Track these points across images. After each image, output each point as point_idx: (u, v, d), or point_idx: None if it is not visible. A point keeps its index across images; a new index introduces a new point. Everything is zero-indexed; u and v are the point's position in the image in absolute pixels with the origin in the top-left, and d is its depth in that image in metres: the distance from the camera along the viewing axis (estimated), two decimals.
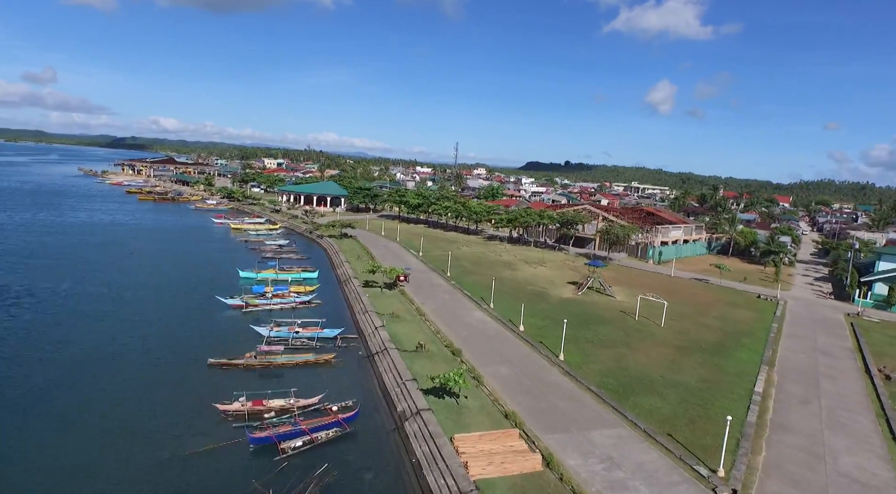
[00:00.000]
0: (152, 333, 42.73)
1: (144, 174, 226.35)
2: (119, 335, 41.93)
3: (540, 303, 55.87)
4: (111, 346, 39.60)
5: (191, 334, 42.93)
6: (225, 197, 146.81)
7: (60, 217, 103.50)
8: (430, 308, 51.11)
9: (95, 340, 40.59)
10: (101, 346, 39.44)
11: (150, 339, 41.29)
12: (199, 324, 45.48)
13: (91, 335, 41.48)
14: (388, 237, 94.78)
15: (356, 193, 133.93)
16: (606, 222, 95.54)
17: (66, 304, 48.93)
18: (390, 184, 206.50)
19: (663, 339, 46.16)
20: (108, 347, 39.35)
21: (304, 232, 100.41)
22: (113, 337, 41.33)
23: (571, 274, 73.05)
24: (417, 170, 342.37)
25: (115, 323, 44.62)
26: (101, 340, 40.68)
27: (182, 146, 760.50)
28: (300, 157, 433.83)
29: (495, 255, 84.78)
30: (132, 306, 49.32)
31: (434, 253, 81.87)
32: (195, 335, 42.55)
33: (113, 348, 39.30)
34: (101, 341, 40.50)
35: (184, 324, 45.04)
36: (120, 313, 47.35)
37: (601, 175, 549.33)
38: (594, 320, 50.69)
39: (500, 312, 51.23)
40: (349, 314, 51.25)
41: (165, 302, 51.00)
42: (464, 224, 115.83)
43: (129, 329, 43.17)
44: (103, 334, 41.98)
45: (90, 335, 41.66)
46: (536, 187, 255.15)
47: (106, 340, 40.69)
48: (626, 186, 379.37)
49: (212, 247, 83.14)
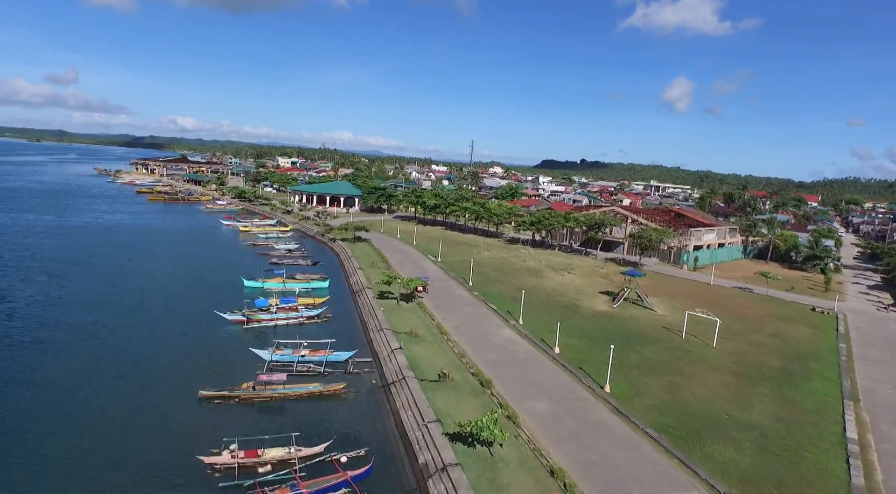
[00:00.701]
0: (138, 357, 37.92)
1: (158, 173, 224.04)
2: (100, 360, 37.16)
3: (573, 317, 50.34)
4: (87, 374, 34.84)
5: (183, 357, 38.04)
6: (236, 197, 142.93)
7: (65, 219, 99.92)
8: (453, 325, 45.85)
9: (70, 366, 35.92)
10: (75, 375, 34.73)
11: (135, 365, 36.47)
12: (193, 344, 40.63)
13: (65, 360, 36.84)
14: (404, 241, 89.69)
15: (371, 193, 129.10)
16: (637, 226, 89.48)
17: (41, 318, 44.44)
18: (406, 183, 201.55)
19: (718, 363, 40.40)
20: (82, 376, 34.58)
21: (316, 235, 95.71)
22: (94, 362, 36.61)
23: (603, 283, 67.32)
24: (433, 168, 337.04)
25: (95, 345, 39.93)
26: (77, 367, 35.97)
27: (199, 145, 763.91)
28: (315, 155, 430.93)
29: (518, 260, 79.25)
30: (118, 324, 44.68)
31: (453, 258, 76.59)
32: (187, 359, 37.66)
33: (90, 377, 34.54)
34: (76, 368, 35.78)
35: (176, 346, 40.17)
36: (103, 332, 42.68)
37: (617, 173, 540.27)
38: (636, 338, 45.05)
39: (531, 329, 45.81)
40: (362, 332, 46.13)
41: (158, 318, 46.23)
42: (483, 226, 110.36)
43: (111, 353, 38.38)
44: (81, 359, 37.25)
45: (64, 358, 37.02)
46: (555, 186, 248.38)
47: (83, 366, 35.98)
48: (646, 185, 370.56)
49: (217, 251, 78.67)
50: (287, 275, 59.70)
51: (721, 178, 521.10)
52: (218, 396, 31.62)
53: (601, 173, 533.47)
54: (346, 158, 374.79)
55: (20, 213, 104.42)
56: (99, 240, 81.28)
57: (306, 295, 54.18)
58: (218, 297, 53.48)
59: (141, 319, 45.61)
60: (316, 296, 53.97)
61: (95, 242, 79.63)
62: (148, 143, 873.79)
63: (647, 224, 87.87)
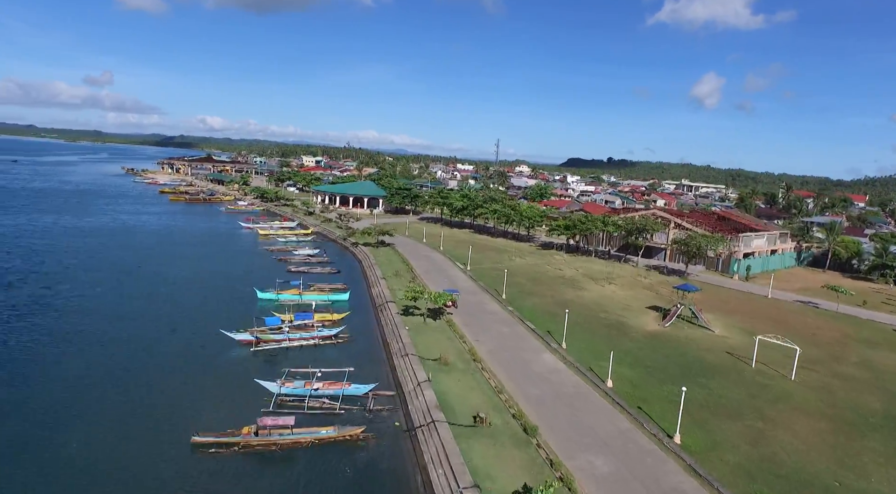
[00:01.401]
0: (127, 386, 33.36)
1: (182, 173, 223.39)
2: (82, 389, 32.73)
3: (621, 339, 44.46)
4: (63, 407, 30.39)
5: (179, 387, 33.35)
6: (258, 197, 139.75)
7: (83, 220, 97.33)
8: (487, 349, 40.44)
9: (46, 394, 31.54)
10: (48, 407, 30.32)
11: (121, 397, 31.84)
12: (193, 371, 35.95)
13: (42, 386, 32.51)
14: (430, 245, 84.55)
15: (395, 194, 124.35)
16: (682, 231, 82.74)
17: (28, 327, 40.37)
18: (431, 183, 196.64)
19: (804, 403, 34.15)
20: (57, 408, 30.15)
21: (338, 239, 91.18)
22: (74, 391, 32.19)
23: (648, 295, 61.12)
24: (458, 167, 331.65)
25: (80, 367, 35.61)
26: (54, 396, 31.56)
27: (227, 144, 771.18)
28: (339, 154, 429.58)
29: (553, 268, 73.37)
30: (113, 341, 40.35)
31: (483, 266, 71.11)
32: (184, 391, 32.94)
33: (65, 411, 30.09)
34: (51, 398, 31.38)
35: (173, 372, 35.51)
36: (93, 350, 38.41)
37: (645, 172, 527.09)
38: (698, 367, 39.00)
39: (576, 354, 40.13)
40: (384, 356, 40.98)
41: (158, 336, 41.76)
42: (513, 229, 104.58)
43: (96, 380, 33.89)
44: (60, 386, 32.89)
45: (40, 384, 32.71)
46: (585, 186, 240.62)
47: (61, 395, 31.56)
48: (677, 184, 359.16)
49: (233, 256, 74.56)
50: (304, 286, 54.97)
51: (753, 176, 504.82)
52: (214, 443, 26.79)
53: (629, 172, 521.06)
54: (371, 157, 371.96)
55: (41, 214, 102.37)
56: (113, 243, 78.01)
57: (324, 309, 49.32)
58: (228, 310, 49.05)
59: (139, 335, 41.26)
60: (335, 310, 49.07)
61: (109, 245, 76.34)
62: (178, 142, 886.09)
63: (693, 229, 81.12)
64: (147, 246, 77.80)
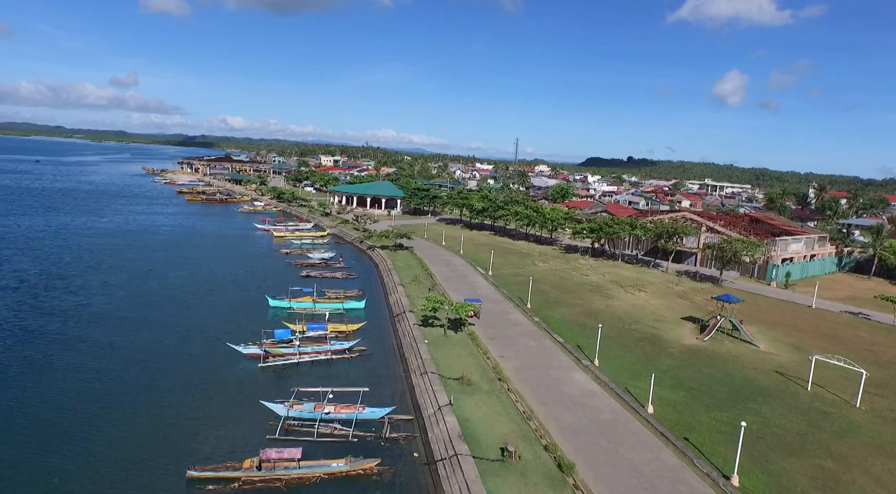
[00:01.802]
0: (120, 410, 30.77)
1: (201, 173, 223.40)
2: (70, 409, 30.26)
3: (658, 355, 40.87)
4: (51, 433, 27.92)
5: (179, 410, 30.60)
6: (275, 198, 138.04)
7: (98, 221, 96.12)
8: (513, 365, 37.20)
9: (32, 411, 29.11)
10: (35, 427, 27.85)
11: (112, 423, 29.16)
12: (195, 389, 33.26)
13: (29, 398, 30.09)
14: (449, 249, 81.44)
15: (414, 194, 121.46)
16: (714, 234, 78.46)
17: (18, 334, 38.11)
18: (450, 183, 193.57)
19: (877, 437, 30.23)
20: (44, 431, 27.69)
21: (354, 241, 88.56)
22: (63, 417, 29.72)
23: (682, 304, 57.28)
24: (477, 167, 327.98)
25: (72, 382, 33.18)
26: (41, 416, 29.13)
27: (247, 144, 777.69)
28: (358, 153, 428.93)
29: (579, 274, 69.73)
30: (111, 354, 37.93)
31: (505, 271, 67.80)
32: (184, 414, 30.19)
33: (52, 438, 27.58)
34: (38, 423, 28.94)
35: (173, 391, 32.81)
36: (87, 364, 36.00)
37: (666, 171, 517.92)
38: (747, 390, 35.27)
39: (610, 373, 36.68)
40: (402, 372, 37.96)
41: (161, 348, 39.19)
42: (535, 231, 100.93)
43: (87, 399, 31.37)
44: (51, 401, 30.49)
45: (26, 397, 30.28)
46: (606, 186, 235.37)
47: (49, 417, 29.12)
48: (701, 184, 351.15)
49: (247, 260, 72.20)
50: (318, 293, 52.26)
51: (778, 175, 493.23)
52: (212, 478, 23.98)
53: (649, 171, 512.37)
54: (389, 157, 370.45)
55: (56, 215, 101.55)
56: (125, 245, 76.27)
57: (339, 319, 46.49)
58: (238, 319, 46.49)
59: (141, 347, 38.79)
60: (350, 320, 46.18)
61: (121, 247, 74.57)
62: (200, 142, 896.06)
63: (726, 233, 76.79)
64: (159, 248, 75.92)
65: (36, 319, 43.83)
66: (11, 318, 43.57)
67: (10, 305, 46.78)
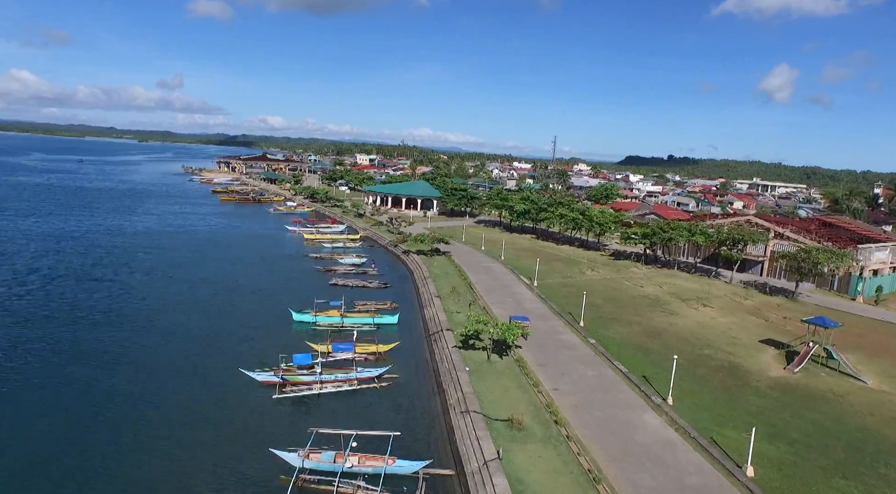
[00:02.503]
0: (107, 459, 26.31)
1: (238, 171, 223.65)
2: (55, 457, 25.95)
3: (743, 392, 34.35)
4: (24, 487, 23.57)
5: (172, 454, 25.85)
6: (308, 197, 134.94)
7: (128, 222, 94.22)
8: (570, 402, 31.37)
9: (4, 465, 24.85)
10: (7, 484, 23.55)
11: (98, 472, 24.79)
12: (197, 430, 28.42)
13: (8, 447, 25.87)
14: (489, 254, 75.75)
15: (451, 194, 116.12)
16: (785, 242, 70.48)
17: (10, 344, 34.29)
18: (487, 182, 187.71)
19: None
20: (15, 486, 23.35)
21: (388, 245, 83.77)
22: (39, 463, 25.40)
23: (756, 323, 50.20)
24: (515, 165, 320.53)
25: (61, 419, 28.94)
26: (11, 469, 24.84)
27: (286, 143, 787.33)
28: (394, 152, 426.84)
29: (633, 285, 63.12)
30: (113, 373, 33.76)
31: (552, 281, 61.77)
32: (179, 462, 25.37)
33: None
34: (10, 471, 24.65)
35: (172, 430, 28.16)
36: (75, 388, 31.83)
37: (709, 170, 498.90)
38: (871, 446, 28.44)
39: (688, 415, 30.45)
40: (439, 407, 32.57)
41: (164, 369, 34.80)
42: (580, 235, 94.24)
43: (77, 443, 27.12)
44: (24, 456, 26.24)
45: (9, 444, 26.08)
46: (651, 186, 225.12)
47: (22, 473, 24.82)
48: (750, 183, 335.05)
49: (273, 265, 68.15)
50: (347, 306, 47.37)
51: (831, 174, 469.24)
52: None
53: (692, 170, 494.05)
54: (425, 155, 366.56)
55: (89, 216, 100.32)
56: (151, 246, 73.40)
57: (369, 338, 41.40)
58: (257, 335, 42.03)
59: (141, 362, 34.57)
60: (380, 340, 41.01)
61: (147, 248, 71.66)
62: (240, 141, 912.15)
63: (799, 240, 68.78)
64: (185, 250, 72.77)
65: (31, 321, 40.25)
66: (14, 323, 40.10)
67: (19, 309, 43.46)
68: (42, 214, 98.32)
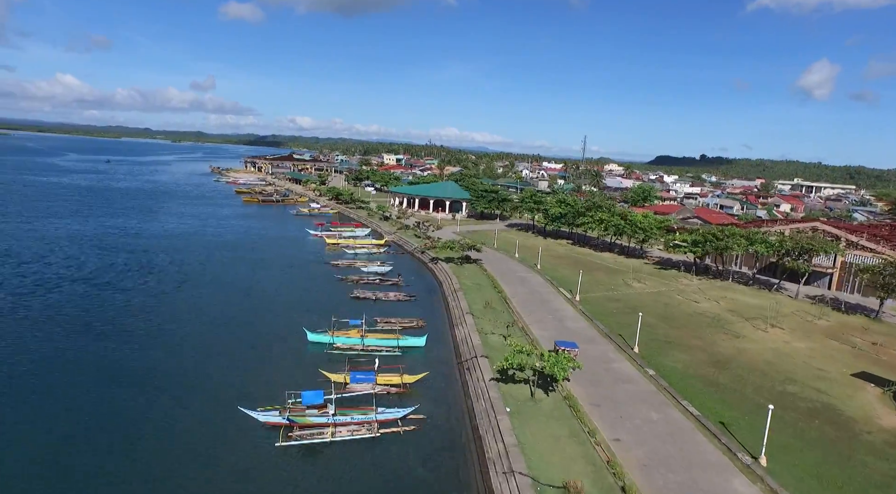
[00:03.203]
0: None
1: (264, 171, 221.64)
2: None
3: (852, 449, 27.81)
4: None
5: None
6: (332, 198, 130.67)
7: (147, 224, 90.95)
8: (636, 458, 25.41)
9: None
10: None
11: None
12: (188, 477, 23.52)
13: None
14: (524, 262, 69.78)
15: (481, 196, 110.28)
16: (860, 251, 62.79)
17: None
18: (518, 183, 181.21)
19: None
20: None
21: (415, 251, 78.42)
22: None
23: (840, 350, 43.23)
24: (544, 166, 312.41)
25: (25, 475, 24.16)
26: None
27: (314, 143, 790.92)
28: (421, 152, 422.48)
29: (686, 299, 56.50)
30: (93, 414, 28.97)
31: (595, 294, 55.61)
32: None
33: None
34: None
35: (146, 484, 23.25)
36: (59, 443, 27.08)
37: (745, 170, 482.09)
38: None
39: (792, 484, 24.15)
40: (476, 464, 26.86)
41: (154, 417, 29.82)
42: (620, 241, 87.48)
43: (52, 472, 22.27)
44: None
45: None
46: (689, 187, 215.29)
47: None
48: (793, 184, 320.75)
49: (291, 274, 63.37)
50: (368, 325, 42.05)
51: (878, 174, 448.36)
52: None
53: (726, 170, 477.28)
54: (452, 155, 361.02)
55: (109, 217, 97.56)
56: (165, 249, 69.45)
57: (392, 367, 35.89)
58: (265, 359, 37.03)
59: (130, 405, 29.70)
60: (406, 369, 35.45)
61: (160, 253, 67.62)
62: (270, 141, 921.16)
63: (881, 251, 61.07)
64: (201, 255, 68.69)
65: (17, 330, 35.93)
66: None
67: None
68: (61, 215, 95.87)
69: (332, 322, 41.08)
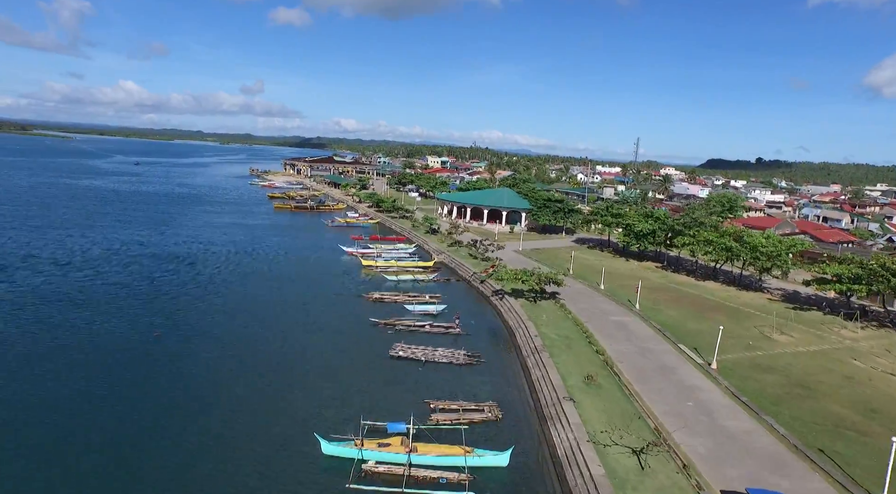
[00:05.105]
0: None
1: (303, 174, 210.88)
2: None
3: None
4: None
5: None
6: (373, 205, 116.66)
7: (159, 237, 78.52)
8: None
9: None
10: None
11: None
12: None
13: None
14: (614, 298, 53.38)
15: (544, 207, 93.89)
16: None
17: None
18: (575, 189, 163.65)
19: None
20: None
21: (473, 278, 62.74)
22: None
23: None
24: (598, 170, 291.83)
25: None
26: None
27: (358, 145, 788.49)
28: (465, 154, 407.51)
29: (867, 365, 39.12)
30: None
31: (733, 358, 38.98)
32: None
33: None
34: None
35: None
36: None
37: (806, 174, 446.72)
38: None
39: None
40: None
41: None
42: (728, 266, 69.73)
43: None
44: None
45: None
46: (770, 195, 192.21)
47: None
48: (884, 190, 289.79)
49: (313, 314, 48.21)
50: (415, 428, 26.62)
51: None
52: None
53: (785, 174, 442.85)
54: (499, 158, 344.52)
55: (122, 226, 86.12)
56: (165, 275, 56.08)
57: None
58: (253, 486, 22.14)
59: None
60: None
61: (151, 279, 54.20)
62: (315, 143, 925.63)
63: None
64: (201, 284, 54.73)
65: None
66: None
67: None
68: (66, 226, 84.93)
69: (359, 425, 25.84)
